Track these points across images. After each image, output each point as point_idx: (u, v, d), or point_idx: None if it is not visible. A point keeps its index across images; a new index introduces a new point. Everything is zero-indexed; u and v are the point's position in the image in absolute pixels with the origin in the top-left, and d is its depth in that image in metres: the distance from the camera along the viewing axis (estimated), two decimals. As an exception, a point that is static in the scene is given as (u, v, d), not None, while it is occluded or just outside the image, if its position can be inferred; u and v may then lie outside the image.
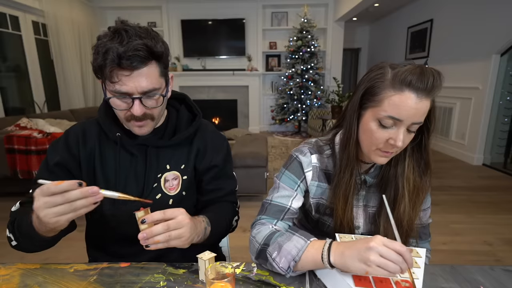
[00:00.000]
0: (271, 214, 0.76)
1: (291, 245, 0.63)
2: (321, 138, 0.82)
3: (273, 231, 0.70)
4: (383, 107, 0.63)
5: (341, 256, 0.57)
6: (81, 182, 0.54)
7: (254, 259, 0.70)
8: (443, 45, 4.25)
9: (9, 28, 3.77)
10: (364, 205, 0.79)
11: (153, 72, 0.67)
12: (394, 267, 0.52)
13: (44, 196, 0.53)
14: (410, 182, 0.73)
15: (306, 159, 0.78)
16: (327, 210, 0.78)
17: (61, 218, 0.54)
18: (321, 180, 0.78)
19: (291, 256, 0.61)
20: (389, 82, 0.62)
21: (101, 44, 0.63)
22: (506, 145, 3.64)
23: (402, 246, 0.53)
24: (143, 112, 0.69)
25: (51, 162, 0.75)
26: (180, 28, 5.57)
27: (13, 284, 0.62)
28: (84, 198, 0.54)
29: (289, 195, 0.77)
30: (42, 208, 0.54)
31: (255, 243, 0.70)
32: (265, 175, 2.59)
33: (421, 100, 0.60)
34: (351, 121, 0.69)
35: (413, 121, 0.62)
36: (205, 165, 0.83)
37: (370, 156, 0.69)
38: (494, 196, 2.82)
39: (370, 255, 0.53)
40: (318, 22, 5.44)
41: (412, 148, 0.73)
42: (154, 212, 0.60)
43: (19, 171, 2.61)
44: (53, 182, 0.53)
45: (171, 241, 0.60)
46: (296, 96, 5.41)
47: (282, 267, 0.62)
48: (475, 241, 2.06)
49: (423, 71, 0.59)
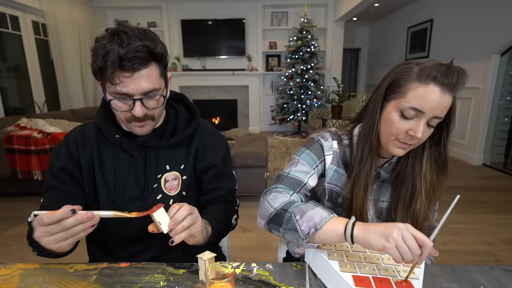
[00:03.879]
0: (288, 185, 0.76)
1: (315, 213, 0.63)
2: (340, 129, 0.84)
3: (291, 200, 0.70)
4: (407, 98, 0.65)
5: (365, 230, 0.57)
6: (74, 209, 0.54)
7: (264, 223, 0.70)
8: (443, 45, 4.25)
9: (9, 28, 3.77)
10: (375, 199, 0.80)
11: (154, 73, 0.67)
12: (408, 255, 0.53)
13: (42, 226, 0.55)
14: (427, 180, 0.74)
15: (327, 143, 0.79)
16: (339, 198, 0.79)
17: (62, 244, 0.56)
18: (339, 166, 0.79)
19: (313, 223, 0.61)
20: (415, 76, 0.64)
21: (100, 46, 0.63)
22: (506, 145, 3.64)
23: (430, 241, 0.54)
24: (144, 113, 0.69)
25: (55, 168, 0.77)
26: (180, 28, 5.56)
27: (13, 284, 0.62)
28: (82, 224, 0.55)
29: (307, 172, 0.77)
30: (42, 237, 0.56)
31: (269, 208, 0.69)
32: (265, 175, 2.59)
33: (445, 95, 0.62)
34: (374, 111, 0.71)
35: (434, 114, 0.63)
36: (204, 165, 0.84)
37: (388, 147, 0.70)
38: (494, 196, 2.82)
39: (394, 232, 0.54)
40: (318, 22, 5.44)
41: (431, 146, 0.73)
42: (169, 209, 0.61)
43: (19, 171, 2.61)
44: (47, 213, 0.54)
45: (192, 226, 0.62)
46: (296, 96, 5.40)
47: (303, 230, 0.61)
48: (475, 241, 2.06)
49: (449, 67, 0.62)
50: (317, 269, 0.66)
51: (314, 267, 0.68)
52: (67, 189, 0.77)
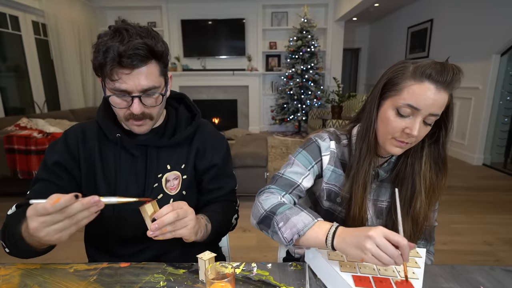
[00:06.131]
0: (281, 186, 0.77)
1: (298, 219, 0.64)
2: (339, 129, 0.84)
3: (281, 202, 0.71)
4: (402, 96, 0.65)
5: (342, 242, 0.58)
6: (77, 194, 0.52)
7: (255, 223, 0.72)
8: (443, 45, 4.25)
9: (9, 28, 3.77)
10: (374, 199, 0.80)
11: (153, 71, 0.68)
12: (388, 260, 0.53)
13: (40, 216, 0.50)
14: (427, 179, 0.74)
15: (325, 144, 0.80)
16: (337, 198, 0.79)
17: (63, 234, 0.53)
18: (337, 166, 0.80)
19: (296, 230, 0.63)
20: (410, 74, 0.65)
21: (101, 43, 0.64)
22: (506, 145, 3.64)
23: (404, 239, 0.54)
24: (142, 111, 0.69)
25: (50, 162, 0.75)
26: (180, 28, 5.56)
27: (13, 284, 0.62)
28: (86, 210, 0.53)
29: (301, 173, 0.78)
30: (40, 228, 0.51)
31: (260, 209, 0.71)
32: (265, 175, 2.59)
33: (440, 92, 0.62)
34: (371, 110, 0.71)
35: (430, 111, 0.63)
36: (205, 165, 0.84)
37: (386, 145, 0.70)
38: (494, 196, 2.82)
39: (366, 243, 0.54)
40: (318, 22, 5.44)
41: (430, 145, 0.73)
42: (162, 208, 0.60)
43: (19, 171, 2.61)
44: (49, 202, 0.49)
45: (178, 230, 0.61)
46: (296, 96, 5.40)
47: (286, 237, 0.64)
48: (475, 241, 2.06)
49: (444, 65, 0.62)
50: (317, 269, 0.66)
51: (314, 267, 0.68)
52: (60, 183, 0.74)
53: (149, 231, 0.58)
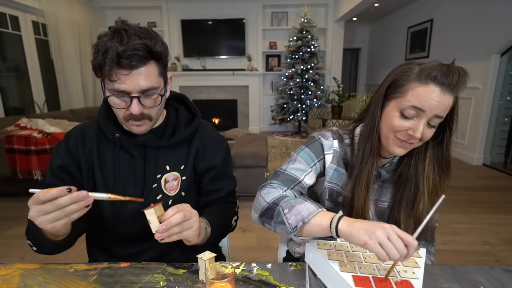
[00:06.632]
0: (282, 181, 0.77)
1: (303, 207, 0.64)
2: (341, 128, 0.84)
3: (283, 195, 0.71)
4: (407, 98, 0.65)
5: (350, 226, 0.58)
6: (70, 188, 0.55)
7: (257, 217, 0.72)
8: (443, 45, 4.25)
9: (9, 28, 3.77)
10: (375, 199, 0.80)
11: (152, 72, 0.68)
12: (394, 254, 0.53)
13: (36, 204, 0.55)
14: (430, 181, 0.74)
15: (328, 142, 0.80)
16: (339, 198, 0.79)
17: (56, 224, 0.56)
18: (340, 165, 0.79)
19: (301, 216, 0.63)
20: (415, 76, 0.64)
21: (101, 43, 0.64)
22: (506, 145, 3.64)
23: (415, 240, 0.54)
24: (141, 112, 0.69)
25: (54, 166, 0.77)
26: (180, 28, 5.56)
27: (13, 284, 0.62)
28: (75, 203, 0.55)
29: (303, 170, 0.78)
30: (36, 216, 0.55)
31: (262, 202, 0.71)
32: (265, 175, 2.59)
33: (445, 95, 0.62)
34: (375, 111, 0.71)
35: (435, 113, 0.63)
36: (205, 166, 0.84)
37: (388, 146, 0.70)
38: (494, 196, 2.82)
39: (378, 231, 0.54)
40: (318, 22, 5.44)
41: (433, 146, 0.73)
42: (167, 210, 0.60)
43: (19, 171, 2.61)
44: (42, 191, 0.54)
45: (184, 231, 0.61)
46: (296, 96, 5.40)
47: (291, 223, 0.64)
48: (475, 241, 2.06)
49: (450, 68, 0.61)
50: (317, 269, 0.66)
51: (314, 267, 0.68)
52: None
53: (156, 233, 0.58)
